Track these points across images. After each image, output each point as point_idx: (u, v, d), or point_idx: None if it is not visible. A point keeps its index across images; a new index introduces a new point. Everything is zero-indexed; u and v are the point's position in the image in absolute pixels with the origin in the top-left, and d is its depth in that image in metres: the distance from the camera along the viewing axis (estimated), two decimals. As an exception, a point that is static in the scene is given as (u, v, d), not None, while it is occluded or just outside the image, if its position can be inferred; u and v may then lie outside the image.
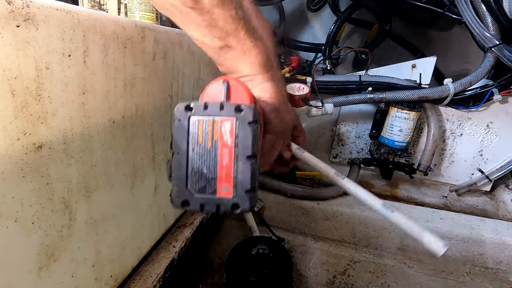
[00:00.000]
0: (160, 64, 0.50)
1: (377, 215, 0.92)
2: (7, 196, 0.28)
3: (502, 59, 0.82)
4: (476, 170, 1.04)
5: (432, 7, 0.97)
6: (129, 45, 0.41)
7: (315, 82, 0.96)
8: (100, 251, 0.43)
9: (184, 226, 0.69)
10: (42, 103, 0.30)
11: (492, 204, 1.07)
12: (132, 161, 0.47)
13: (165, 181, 0.60)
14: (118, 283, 0.49)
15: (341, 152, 1.12)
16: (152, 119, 0.51)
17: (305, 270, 0.90)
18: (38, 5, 0.28)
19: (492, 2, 0.78)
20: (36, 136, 0.30)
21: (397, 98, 0.92)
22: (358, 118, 1.06)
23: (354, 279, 0.89)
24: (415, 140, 1.05)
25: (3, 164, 0.27)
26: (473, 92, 0.91)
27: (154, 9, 0.53)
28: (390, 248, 0.94)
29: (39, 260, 0.33)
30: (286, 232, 0.99)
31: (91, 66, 0.36)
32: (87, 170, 0.38)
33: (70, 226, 0.36)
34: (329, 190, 0.98)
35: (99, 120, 0.38)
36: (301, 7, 1.38)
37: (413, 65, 0.96)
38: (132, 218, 0.50)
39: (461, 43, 1.25)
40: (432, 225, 0.90)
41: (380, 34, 1.11)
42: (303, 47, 1.34)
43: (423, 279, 0.89)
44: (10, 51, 0.26)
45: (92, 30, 0.35)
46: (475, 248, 0.89)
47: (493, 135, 1.00)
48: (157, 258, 0.58)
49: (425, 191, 1.11)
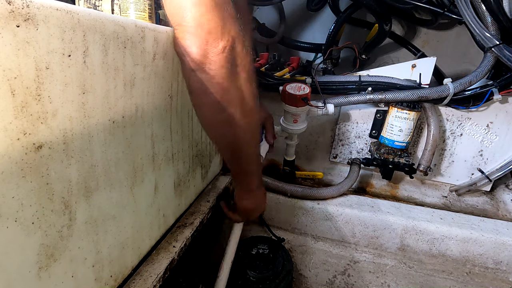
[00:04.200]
0: (160, 64, 0.50)
1: (377, 215, 0.92)
2: (7, 196, 0.28)
3: (502, 59, 0.82)
4: (476, 170, 1.04)
5: (432, 7, 0.97)
6: (129, 45, 0.41)
7: (317, 82, 0.96)
8: (100, 251, 0.43)
9: (184, 226, 0.69)
10: (42, 103, 0.30)
11: (492, 204, 1.07)
12: (132, 161, 0.47)
13: (165, 181, 0.60)
14: (118, 283, 0.49)
15: (341, 152, 1.12)
16: (152, 119, 0.51)
17: (305, 270, 0.90)
18: (38, 5, 0.28)
19: (492, 2, 0.78)
20: (36, 136, 0.30)
21: (397, 98, 0.92)
22: (358, 118, 1.06)
23: (354, 279, 0.89)
24: (415, 140, 1.05)
25: (3, 164, 0.27)
26: (473, 92, 0.91)
27: (146, 8, 0.53)
28: (390, 248, 0.94)
29: (39, 260, 0.33)
30: (286, 232, 0.99)
31: (91, 66, 0.36)
32: (87, 170, 0.38)
33: (70, 226, 0.36)
34: (329, 190, 0.98)
35: (99, 120, 0.38)
36: (301, 7, 1.38)
37: (413, 65, 0.96)
38: (132, 218, 0.50)
39: (461, 43, 1.26)
40: (432, 225, 0.90)
41: (380, 34, 1.11)
42: (303, 47, 1.34)
43: (423, 279, 0.89)
44: (10, 51, 0.26)
45: (92, 30, 0.35)
46: (475, 248, 0.89)
47: (493, 135, 1.00)
48: (157, 258, 0.58)
49: (425, 191, 1.11)
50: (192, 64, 0.45)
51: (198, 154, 0.75)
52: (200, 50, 0.44)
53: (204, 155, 0.80)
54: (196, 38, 0.43)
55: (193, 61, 0.45)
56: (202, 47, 0.43)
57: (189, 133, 0.68)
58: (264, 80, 1.00)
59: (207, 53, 0.44)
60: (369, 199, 1.01)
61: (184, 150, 0.66)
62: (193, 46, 0.44)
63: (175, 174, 0.64)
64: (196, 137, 0.72)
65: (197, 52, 0.44)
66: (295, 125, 0.90)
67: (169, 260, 0.58)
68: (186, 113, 0.64)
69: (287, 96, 0.83)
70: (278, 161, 1.16)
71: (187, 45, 0.44)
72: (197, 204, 0.78)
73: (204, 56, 0.44)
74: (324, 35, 1.19)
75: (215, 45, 0.43)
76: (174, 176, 0.64)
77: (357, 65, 1.15)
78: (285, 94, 0.83)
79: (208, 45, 0.43)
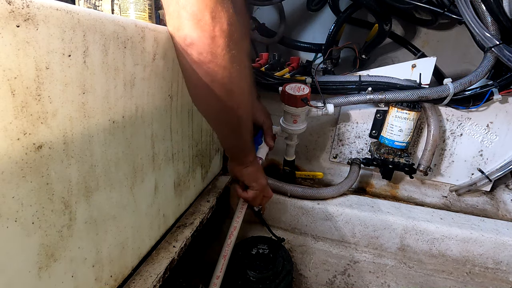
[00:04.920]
0: (160, 64, 0.50)
1: (377, 215, 0.92)
2: (7, 196, 0.28)
3: (502, 59, 0.82)
4: (476, 170, 1.04)
5: (432, 7, 0.97)
6: (129, 45, 0.41)
7: (317, 82, 0.96)
8: (100, 251, 0.43)
9: (184, 226, 0.69)
10: (42, 103, 0.30)
11: (492, 204, 1.07)
12: (132, 161, 0.47)
13: (165, 181, 0.60)
14: (118, 283, 0.49)
15: (341, 152, 1.12)
16: (152, 119, 0.51)
17: (305, 270, 0.90)
18: (38, 5, 0.28)
19: (492, 2, 0.78)
20: (36, 136, 0.30)
21: (397, 98, 0.92)
22: (358, 118, 1.06)
23: (354, 279, 0.89)
24: (415, 140, 1.05)
25: (3, 164, 0.27)
26: (473, 92, 0.91)
27: (146, 8, 0.54)
28: (390, 248, 0.94)
29: (39, 260, 0.33)
30: (286, 232, 0.99)
31: (91, 66, 0.36)
32: (87, 170, 0.38)
33: (70, 226, 0.36)
34: (329, 190, 0.98)
35: (99, 120, 0.38)
36: (301, 7, 1.38)
37: (413, 65, 0.96)
38: (132, 218, 0.50)
39: (461, 43, 1.26)
40: (432, 225, 0.90)
41: (380, 34, 1.11)
42: (303, 47, 1.34)
43: (423, 279, 0.89)
44: (10, 51, 0.26)
45: (92, 30, 0.35)
46: (475, 248, 0.89)
47: (493, 135, 1.00)
48: (157, 258, 0.58)
49: (425, 191, 1.11)
50: (196, 53, 0.44)
51: (198, 154, 0.75)
52: (204, 35, 0.42)
53: (204, 155, 0.80)
54: (197, 23, 0.41)
55: (197, 49, 0.44)
56: (206, 32, 0.42)
57: (189, 133, 0.68)
58: (264, 80, 1.00)
59: (211, 39, 0.42)
60: (369, 199, 1.01)
61: (184, 150, 0.66)
62: (194, 32, 0.42)
63: (175, 174, 0.64)
64: (196, 137, 0.72)
65: (200, 39, 0.42)
66: (294, 126, 0.90)
67: (169, 260, 0.58)
68: (186, 113, 0.64)
69: (287, 97, 0.83)
70: (278, 161, 1.16)
71: (187, 32, 0.43)
72: (197, 204, 0.78)
73: (210, 42, 0.43)
74: (324, 35, 1.19)
75: (216, 28, 0.42)
76: (174, 176, 0.64)
77: (357, 65, 1.15)
78: (285, 95, 0.83)
79: (210, 30, 0.42)
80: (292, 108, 0.84)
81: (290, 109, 0.85)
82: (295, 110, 0.85)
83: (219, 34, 0.43)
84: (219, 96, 0.49)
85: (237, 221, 0.78)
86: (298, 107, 0.84)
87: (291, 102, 0.83)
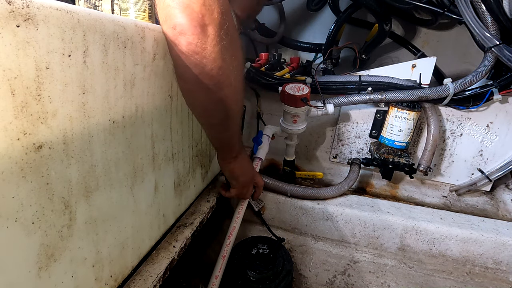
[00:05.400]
0: (160, 64, 0.50)
1: (377, 215, 0.92)
2: (7, 196, 0.28)
3: (502, 59, 0.82)
4: (476, 170, 1.04)
5: (432, 7, 0.97)
6: (129, 45, 0.41)
7: (317, 82, 0.96)
8: (100, 251, 0.43)
9: (184, 226, 0.69)
10: (42, 103, 0.30)
11: (492, 204, 1.07)
12: (132, 161, 0.47)
13: (165, 181, 0.60)
14: (118, 283, 0.49)
15: (341, 152, 1.12)
16: (152, 119, 0.51)
17: (305, 270, 0.90)
18: (38, 5, 0.28)
19: (492, 2, 0.78)
20: (36, 136, 0.30)
21: (397, 99, 0.92)
22: (358, 118, 1.06)
23: (354, 279, 0.89)
24: (415, 140, 1.05)
25: (3, 164, 0.27)
26: (473, 92, 0.91)
27: (146, 8, 0.53)
28: (390, 248, 0.94)
29: (39, 260, 0.33)
30: (286, 232, 0.99)
31: (91, 66, 0.36)
32: (87, 170, 0.38)
33: (70, 226, 0.36)
34: (329, 190, 0.98)
35: (99, 120, 0.38)
36: (301, 7, 1.38)
37: (413, 65, 0.97)
38: (132, 218, 0.50)
39: (461, 43, 1.26)
40: (432, 225, 0.90)
41: (380, 34, 1.11)
42: (303, 47, 1.34)
43: (423, 279, 0.89)
44: (10, 51, 0.26)
45: (92, 30, 0.35)
46: (475, 248, 0.89)
47: (493, 135, 1.00)
48: (157, 258, 0.58)
49: (425, 191, 1.11)
50: (185, 42, 0.42)
51: (198, 154, 0.75)
52: (192, 24, 0.40)
53: (204, 155, 0.80)
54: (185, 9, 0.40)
55: (186, 39, 0.42)
56: (195, 20, 0.40)
57: (189, 133, 0.68)
58: (264, 80, 1.00)
59: (200, 27, 0.41)
60: (369, 199, 1.01)
61: (184, 150, 0.67)
62: (182, 19, 0.40)
63: (175, 174, 0.64)
64: (196, 137, 0.72)
65: (189, 28, 0.41)
66: (294, 126, 0.90)
67: (169, 260, 0.58)
68: (186, 113, 0.64)
69: (286, 97, 0.83)
70: (278, 161, 1.16)
71: (175, 21, 0.41)
72: (197, 204, 0.78)
73: (199, 31, 0.41)
74: (324, 35, 1.19)
75: (205, 17, 0.40)
76: (174, 176, 0.64)
77: (357, 65, 1.15)
78: (284, 95, 0.83)
79: (199, 18, 0.40)
80: (292, 108, 0.84)
81: (290, 109, 0.85)
82: (295, 110, 0.85)
83: (209, 22, 0.41)
84: (207, 89, 0.47)
85: (237, 221, 0.78)
86: (298, 107, 0.84)
87: (291, 102, 0.83)
